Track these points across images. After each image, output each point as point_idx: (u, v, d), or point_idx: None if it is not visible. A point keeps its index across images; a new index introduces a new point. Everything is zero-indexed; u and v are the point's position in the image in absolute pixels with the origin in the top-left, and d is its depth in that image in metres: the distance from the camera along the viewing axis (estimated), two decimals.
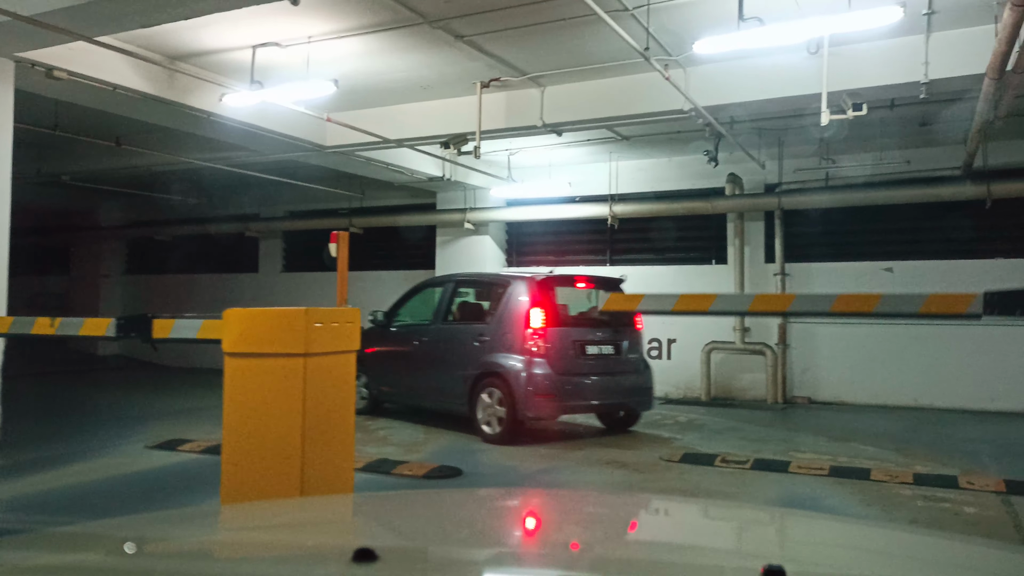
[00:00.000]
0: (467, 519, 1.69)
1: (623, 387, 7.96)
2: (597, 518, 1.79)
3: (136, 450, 7.03)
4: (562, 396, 7.41)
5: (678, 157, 11.50)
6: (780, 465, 6.44)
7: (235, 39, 6.97)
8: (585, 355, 7.62)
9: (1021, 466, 6.49)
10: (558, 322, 7.55)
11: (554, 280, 7.88)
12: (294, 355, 3.44)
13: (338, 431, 3.71)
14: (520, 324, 7.45)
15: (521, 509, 1.90)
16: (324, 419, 3.60)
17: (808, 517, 2.47)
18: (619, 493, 4.83)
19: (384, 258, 14.12)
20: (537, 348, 7.33)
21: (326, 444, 3.62)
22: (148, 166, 10.89)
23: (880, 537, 1.64)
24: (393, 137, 8.91)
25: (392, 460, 6.45)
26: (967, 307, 2.94)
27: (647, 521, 1.82)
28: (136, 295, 16.67)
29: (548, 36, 6.81)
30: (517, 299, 7.58)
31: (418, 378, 8.43)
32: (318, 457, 3.55)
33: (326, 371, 3.59)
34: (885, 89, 6.92)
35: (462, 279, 9.09)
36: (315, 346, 3.49)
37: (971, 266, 9.99)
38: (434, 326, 8.54)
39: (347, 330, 3.71)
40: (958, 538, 2.53)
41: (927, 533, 2.26)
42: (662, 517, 1.88)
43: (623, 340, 8.00)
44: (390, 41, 6.89)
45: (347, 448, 3.79)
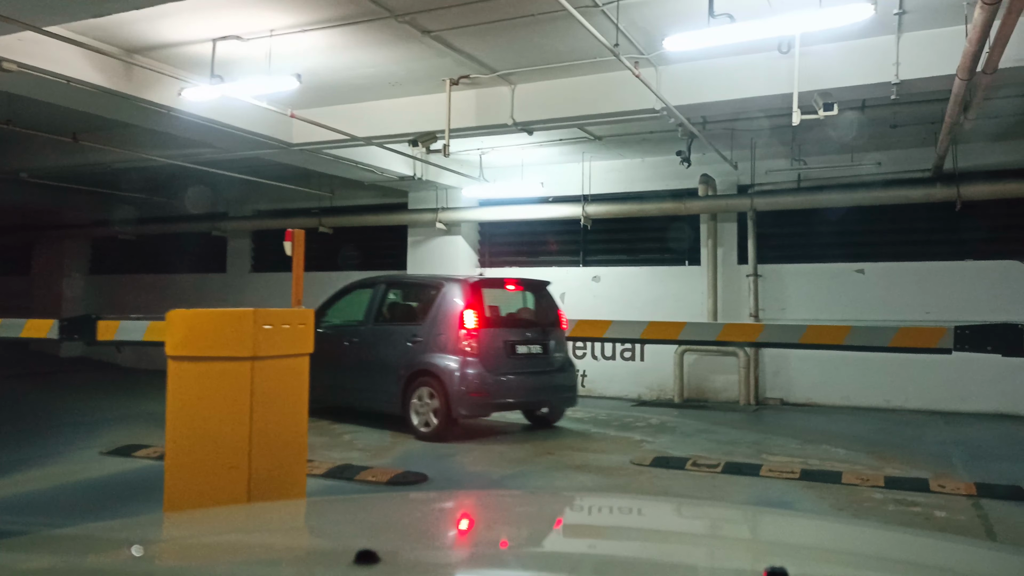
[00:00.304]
0: (415, 523, 1.67)
1: (550, 385, 8.27)
2: (587, 520, 1.82)
3: (89, 456, 6.77)
4: (494, 394, 7.65)
5: (651, 158, 11.44)
6: (751, 469, 6.35)
7: (195, 32, 6.75)
8: (515, 354, 7.90)
9: (992, 468, 6.47)
10: (490, 323, 7.82)
11: (485, 282, 8.19)
12: (241, 359, 3.28)
13: (289, 437, 3.54)
14: (454, 325, 7.67)
15: (489, 512, 1.90)
16: (274, 425, 3.43)
17: (799, 518, 2.48)
18: (603, 495, 4.70)
19: (355, 259, 13.89)
20: (470, 348, 7.57)
21: (276, 451, 3.45)
22: (109, 163, 10.59)
23: (872, 538, 1.64)
24: (361, 135, 8.73)
25: (356, 466, 6.26)
26: (937, 341, 2.88)
27: (637, 522, 1.83)
28: (100, 295, 16.27)
29: (517, 32, 6.68)
30: (450, 301, 7.81)
31: (348, 378, 8.30)
32: (267, 465, 3.38)
33: (276, 375, 3.42)
34: (856, 89, 6.88)
35: (393, 280, 9.25)
36: (264, 349, 3.33)
37: (941, 268, 10.03)
38: (365, 327, 8.55)
39: (299, 332, 3.54)
40: (954, 539, 2.52)
41: (923, 535, 2.24)
42: (656, 518, 1.88)
43: (550, 340, 8.30)
44: (355, 35, 6.72)
45: (299, 454, 3.62)
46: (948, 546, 1.69)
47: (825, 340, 3.47)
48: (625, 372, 11.64)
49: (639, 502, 2.80)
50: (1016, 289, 9.70)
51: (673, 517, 1.94)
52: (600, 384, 11.74)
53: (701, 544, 1.66)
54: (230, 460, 3.28)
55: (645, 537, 1.69)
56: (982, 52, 5.52)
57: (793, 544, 1.61)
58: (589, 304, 11.86)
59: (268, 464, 3.37)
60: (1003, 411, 9.61)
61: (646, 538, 1.68)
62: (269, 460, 3.38)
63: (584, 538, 1.66)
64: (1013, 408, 9.58)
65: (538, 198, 11.78)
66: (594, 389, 11.74)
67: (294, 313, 3.53)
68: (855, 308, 10.39)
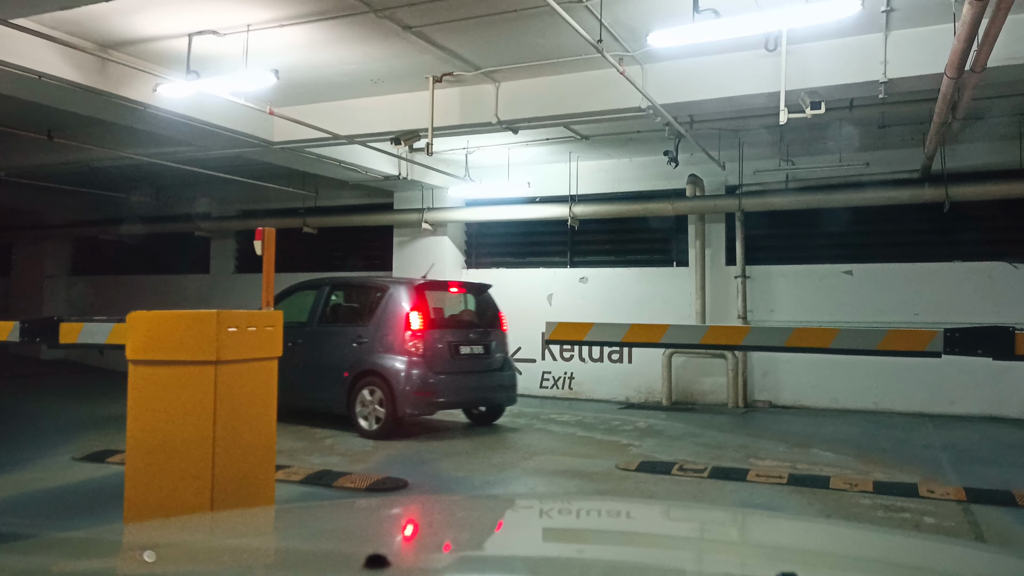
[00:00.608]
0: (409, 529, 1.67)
1: (492, 384, 8.56)
2: (587, 525, 1.80)
3: (62, 462, 6.59)
4: (439, 393, 7.90)
5: (639, 158, 11.34)
6: (738, 473, 6.25)
7: (170, 26, 6.59)
8: (459, 355, 8.20)
9: (980, 473, 6.39)
10: (434, 325, 8.10)
11: (430, 285, 8.45)
12: (204, 363, 3.13)
13: (257, 444, 3.39)
14: (400, 326, 7.90)
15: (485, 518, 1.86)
16: (240, 432, 3.29)
17: (797, 521, 2.50)
18: (588, 499, 4.58)
19: (340, 259, 13.75)
20: (416, 349, 7.81)
21: (242, 459, 3.31)
22: (87, 161, 10.40)
23: (873, 542, 1.62)
24: (343, 133, 8.58)
25: (335, 472, 6.12)
26: (927, 345, 2.79)
27: (642, 527, 1.81)
28: (82, 296, 16.02)
29: (500, 28, 6.55)
30: (396, 303, 8.05)
31: (292, 379, 8.20)
32: (232, 472, 3.24)
33: (242, 380, 3.28)
34: (844, 88, 6.79)
35: (338, 282, 9.41)
36: (228, 353, 3.18)
37: (930, 269, 9.98)
38: (309, 328, 8.58)
39: (266, 335, 3.40)
40: (955, 543, 2.49)
41: (927, 538, 2.21)
42: (644, 522, 1.87)
43: (491, 341, 8.63)
44: (335, 31, 6.57)
45: (267, 462, 3.48)
46: (950, 549, 1.70)
47: (812, 343, 3.38)
48: (613, 374, 11.53)
49: (625, 505, 2.75)
50: (1005, 290, 9.65)
51: (666, 521, 1.91)
52: (587, 387, 11.63)
53: (703, 549, 1.62)
54: (192, 468, 3.14)
55: (635, 541, 1.66)
56: (971, 50, 5.43)
57: (796, 548, 1.58)
58: (577, 306, 11.76)
59: (233, 472, 3.22)
60: (990, 414, 9.56)
61: (636, 542, 1.65)
62: (234, 468, 3.23)
63: (571, 543, 1.64)
64: (1000, 411, 9.54)
65: (525, 198, 11.65)
66: (581, 392, 11.63)
67: (261, 315, 3.38)
68: (844, 310, 10.32)
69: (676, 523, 1.90)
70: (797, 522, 2.37)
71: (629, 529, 1.79)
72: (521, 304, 12.08)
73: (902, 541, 1.83)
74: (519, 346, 12.06)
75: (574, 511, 2.04)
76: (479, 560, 1.42)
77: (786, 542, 1.64)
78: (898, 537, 2.07)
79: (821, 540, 1.67)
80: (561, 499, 3.81)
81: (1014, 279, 9.63)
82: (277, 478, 5.70)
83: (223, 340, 3.13)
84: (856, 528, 2.40)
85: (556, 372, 11.87)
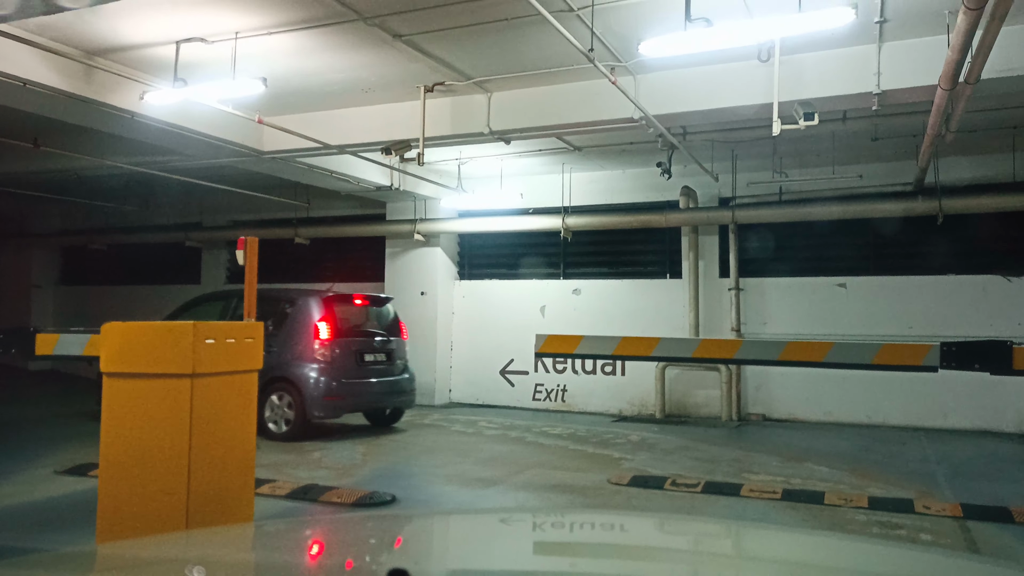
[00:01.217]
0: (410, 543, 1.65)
1: (393, 389, 9.21)
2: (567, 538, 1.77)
3: (43, 475, 6.46)
4: (346, 397, 8.52)
5: (632, 169, 11.30)
6: (732, 488, 6.15)
7: (157, 33, 6.51)
8: (363, 362, 8.84)
9: (976, 488, 6.31)
10: (341, 334, 8.66)
11: (336, 297, 9.01)
12: (179, 376, 3.03)
13: (234, 459, 3.29)
14: (309, 335, 8.47)
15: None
16: (217, 447, 3.18)
17: (804, 535, 2.46)
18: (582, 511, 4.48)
19: (332, 270, 13.65)
20: (324, 357, 8.41)
21: (219, 474, 3.20)
22: (75, 170, 10.29)
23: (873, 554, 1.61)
24: (334, 143, 8.50)
25: (321, 486, 5.99)
26: (923, 359, 2.71)
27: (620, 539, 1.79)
28: (70, 307, 15.87)
29: (492, 38, 6.50)
30: (306, 313, 8.64)
31: None
32: (209, 489, 3.13)
33: (219, 393, 3.17)
34: (837, 100, 6.75)
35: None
36: (205, 365, 3.08)
37: (923, 282, 9.93)
38: None
39: (246, 347, 3.30)
40: (959, 556, 2.49)
41: (939, 552, 2.20)
42: (635, 535, 1.84)
43: (393, 348, 9.33)
44: (324, 38, 6.50)
45: (245, 477, 3.37)
46: (952, 562, 1.70)
47: (805, 357, 3.30)
48: (606, 387, 11.43)
49: (618, 518, 2.73)
50: (998, 303, 9.61)
51: (658, 534, 1.90)
52: (580, 399, 11.53)
53: (699, 562, 1.60)
54: (167, 484, 3.03)
55: (629, 555, 1.64)
56: (965, 61, 5.40)
57: (803, 563, 1.56)
58: (570, 317, 11.68)
59: (210, 488, 3.12)
60: (983, 427, 9.49)
61: (630, 555, 1.64)
62: (211, 484, 3.13)
63: (564, 556, 1.63)
64: (994, 424, 9.47)
65: (518, 209, 11.59)
66: (574, 404, 11.53)
67: (240, 326, 3.29)
68: (837, 322, 10.27)
69: (670, 537, 1.86)
70: (814, 537, 2.33)
71: (621, 543, 1.76)
72: (514, 316, 12.02)
73: (902, 553, 1.80)
74: (511, 358, 11.98)
75: (566, 525, 2.01)
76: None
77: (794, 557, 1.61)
78: (910, 552, 2.06)
79: (822, 553, 1.63)
80: (549, 513, 3.72)
81: (1008, 292, 9.60)
82: (262, 493, 5.60)
83: (200, 352, 3.03)
84: (848, 540, 2.37)
85: (549, 384, 11.77)
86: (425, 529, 1.84)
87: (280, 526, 2.64)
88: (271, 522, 3.08)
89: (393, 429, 9.36)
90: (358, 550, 1.55)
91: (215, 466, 3.13)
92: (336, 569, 1.35)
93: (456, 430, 9.37)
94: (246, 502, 3.32)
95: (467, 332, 12.34)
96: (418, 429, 9.40)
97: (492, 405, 11.85)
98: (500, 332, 12.07)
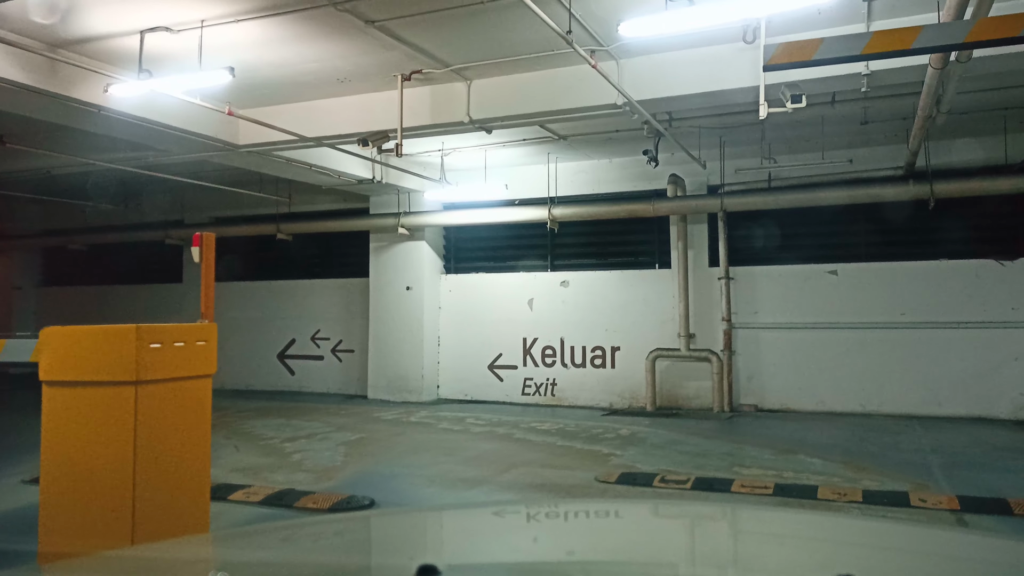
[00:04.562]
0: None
1: None
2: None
3: (10, 484, 6.24)
4: None
5: (619, 158, 11.10)
6: (722, 484, 5.99)
7: (122, 24, 6.26)
8: None
9: (973, 479, 6.16)
10: None
11: None
12: (122, 383, 2.82)
13: (186, 472, 3.08)
14: None
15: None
16: (166, 458, 2.97)
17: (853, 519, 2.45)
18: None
19: (316, 267, 13.44)
20: None
21: (169, 487, 2.99)
22: (46, 168, 10.01)
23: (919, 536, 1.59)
24: (310, 135, 8.26)
25: (298, 491, 5.80)
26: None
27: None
28: (52, 308, 15.58)
29: (467, 22, 6.27)
30: None
31: None
32: (157, 502, 2.92)
33: (167, 401, 2.96)
34: (825, 81, 6.55)
35: None
36: (151, 372, 2.87)
37: (915, 268, 9.78)
38: None
39: (197, 351, 3.09)
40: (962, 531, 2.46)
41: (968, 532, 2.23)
42: (638, 522, 1.80)
43: None
44: (294, 26, 6.26)
45: (198, 490, 3.16)
46: (944, 535, 1.74)
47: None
48: (596, 380, 11.26)
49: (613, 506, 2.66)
50: (992, 288, 9.46)
51: (658, 520, 1.86)
52: (570, 393, 11.35)
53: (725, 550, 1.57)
54: (111, 499, 2.82)
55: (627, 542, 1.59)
56: None
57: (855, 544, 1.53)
58: (558, 310, 11.50)
59: (158, 502, 2.91)
60: (979, 415, 9.36)
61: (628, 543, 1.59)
62: (159, 497, 2.92)
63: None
64: (989, 411, 9.34)
65: (504, 201, 11.37)
66: (564, 398, 11.35)
67: (190, 329, 3.07)
68: (829, 310, 10.12)
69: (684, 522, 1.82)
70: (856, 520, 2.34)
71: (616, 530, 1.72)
72: (502, 309, 11.82)
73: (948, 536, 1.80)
74: (500, 352, 11.79)
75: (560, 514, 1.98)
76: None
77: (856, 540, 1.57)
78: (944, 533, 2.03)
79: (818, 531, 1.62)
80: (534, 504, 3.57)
81: (1001, 276, 9.45)
82: (235, 499, 5.40)
83: (144, 358, 2.82)
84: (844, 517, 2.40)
85: (538, 378, 11.59)
86: (388, 533, 1.75)
87: (232, 536, 2.42)
88: (228, 532, 2.87)
89: (378, 429, 9.15)
90: (300, 559, 1.49)
91: (164, 479, 2.93)
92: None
93: (443, 427, 9.17)
94: (200, 515, 3.12)
95: (454, 327, 12.14)
96: (404, 427, 9.21)
97: (481, 401, 11.66)
98: (488, 326, 11.88)
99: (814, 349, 10.17)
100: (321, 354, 13.08)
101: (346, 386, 12.74)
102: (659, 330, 10.85)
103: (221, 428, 9.05)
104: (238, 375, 13.53)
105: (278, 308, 13.50)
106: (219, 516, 4.86)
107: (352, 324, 12.82)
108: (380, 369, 12.06)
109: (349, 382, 12.73)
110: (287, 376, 13.29)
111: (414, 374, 11.83)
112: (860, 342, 9.94)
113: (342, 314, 12.96)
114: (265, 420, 9.67)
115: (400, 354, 11.95)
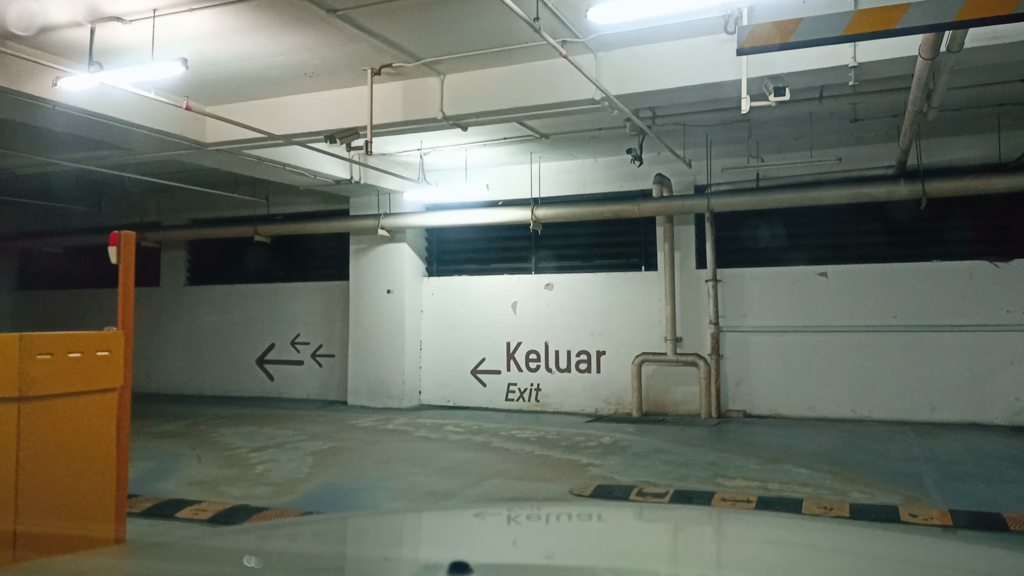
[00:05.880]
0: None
1: None
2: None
3: None
4: None
5: (603, 158, 10.80)
6: (703, 497, 5.68)
7: (71, 14, 5.94)
8: None
9: (966, 491, 5.86)
10: None
11: None
12: (3, 400, 2.49)
13: (88, 495, 2.75)
14: None
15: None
16: (59, 482, 2.64)
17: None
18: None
19: (296, 269, 13.12)
20: None
21: (63, 512, 2.66)
22: (9, 168, 9.68)
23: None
24: (279, 132, 7.95)
25: (252, 507, 5.47)
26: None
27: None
28: (29, 312, 15.24)
29: (435, 12, 5.97)
30: None
31: None
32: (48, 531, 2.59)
33: (62, 420, 2.64)
34: (811, 74, 6.26)
35: None
36: (38, 386, 2.54)
37: (907, 269, 9.50)
38: None
39: (99, 362, 2.76)
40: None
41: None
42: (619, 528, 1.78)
43: None
44: (251, 16, 5.95)
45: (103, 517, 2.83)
46: (936, 542, 1.81)
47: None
48: (581, 385, 10.95)
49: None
50: (985, 290, 9.18)
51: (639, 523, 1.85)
52: (555, 399, 11.04)
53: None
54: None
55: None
56: None
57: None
58: (543, 313, 11.20)
59: (50, 530, 2.58)
60: (973, 420, 9.08)
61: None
62: (53, 527, 2.59)
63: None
64: (983, 417, 9.05)
65: (486, 202, 11.06)
66: (549, 404, 11.04)
67: (89, 337, 2.75)
68: (819, 313, 9.83)
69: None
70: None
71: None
72: (485, 313, 11.51)
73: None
74: (483, 357, 11.47)
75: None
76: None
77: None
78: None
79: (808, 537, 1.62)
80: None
81: (995, 278, 9.17)
82: (182, 517, 5.06)
83: (30, 370, 2.50)
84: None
85: (522, 384, 11.27)
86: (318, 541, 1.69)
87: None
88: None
89: (352, 437, 8.82)
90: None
91: (58, 504, 2.60)
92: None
93: (420, 435, 8.85)
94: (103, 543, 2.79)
95: (437, 331, 11.83)
96: (380, 435, 8.88)
97: (464, 407, 11.35)
98: (471, 330, 11.57)
99: (804, 353, 9.87)
100: (301, 359, 12.75)
101: (326, 392, 12.41)
102: (645, 334, 10.55)
103: (189, 437, 8.73)
104: (216, 381, 13.19)
105: (257, 312, 13.17)
106: (158, 537, 4.53)
107: (332, 328, 12.50)
108: (360, 374, 11.73)
109: (329, 388, 12.40)
110: (266, 382, 12.95)
111: (395, 379, 11.51)
112: (851, 346, 9.65)
113: (322, 318, 12.64)
114: (237, 428, 9.34)
115: (381, 359, 11.63)
